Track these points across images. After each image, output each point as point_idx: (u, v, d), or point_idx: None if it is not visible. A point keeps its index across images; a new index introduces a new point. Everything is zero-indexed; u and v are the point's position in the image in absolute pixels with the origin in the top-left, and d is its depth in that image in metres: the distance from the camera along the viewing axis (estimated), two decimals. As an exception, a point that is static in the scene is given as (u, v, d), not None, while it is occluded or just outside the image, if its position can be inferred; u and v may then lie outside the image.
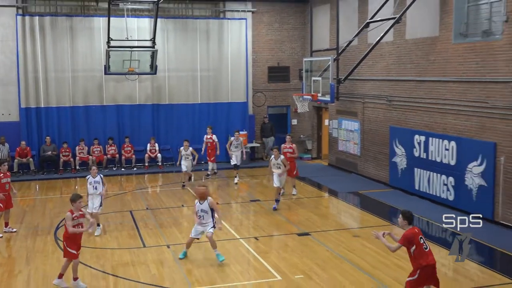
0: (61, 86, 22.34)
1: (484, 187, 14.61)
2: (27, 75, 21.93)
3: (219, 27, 23.93)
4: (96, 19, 22.37)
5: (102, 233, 13.96)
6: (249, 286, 10.64)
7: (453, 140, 15.74)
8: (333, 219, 15.85)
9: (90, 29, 22.43)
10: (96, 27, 22.34)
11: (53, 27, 22.09)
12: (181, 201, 17.28)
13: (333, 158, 23.17)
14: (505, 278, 10.63)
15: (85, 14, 22.56)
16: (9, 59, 21.75)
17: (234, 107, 24.26)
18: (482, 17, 15.06)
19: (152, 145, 22.94)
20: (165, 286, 10.49)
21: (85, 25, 22.43)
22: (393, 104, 18.64)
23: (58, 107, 22.38)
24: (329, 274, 10.96)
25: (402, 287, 10.24)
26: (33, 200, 18.05)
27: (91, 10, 22.56)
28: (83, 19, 22.47)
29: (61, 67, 22.26)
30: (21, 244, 13.22)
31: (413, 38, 17.46)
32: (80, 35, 22.37)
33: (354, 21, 20.41)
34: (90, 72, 22.49)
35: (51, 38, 22.06)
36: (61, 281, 10.45)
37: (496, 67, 14.13)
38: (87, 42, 22.41)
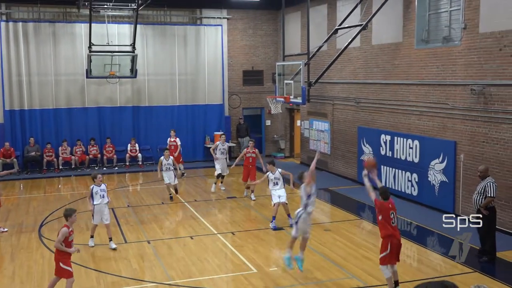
0: (44, 89, 22.04)
1: (445, 183, 14.81)
2: (11, 79, 21.58)
3: (196, 33, 23.86)
4: (78, 25, 22.12)
5: (85, 229, 13.81)
6: (226, 279, 10.64)
7: (416, 139, 15.92)
8: (305, 214, 15.91)
9: (72, 35, 22.17)
10: (78, 33, 22.10)
11: (36, 32, 21.78)
12: (161, 199, 17.15)
13: (305, 157, 23.26)
14: (465, 268, 10.79)
15: (67, 20, 22.28)
16: (-7, 63, 21.38)
17: (211, 109, 24.22)
18: (442, 24, 15.28)
19: (133, 145, 22.77)
20: (146, 280, 10.44)
21: (67, 31, 22.17)
22: (360, 105, 18.79)
23: (41, 109, 22.07)
24: (302, 266, 11.00)
25: (371, 277, 10.37)
26: (17, 198, 17.77)
27: (73, 16, 22.29)
28: (65, 25, 22.19)
29: (44, 71, 21.96)
30: (6, 242, 13.02)
31: (379, 44, 17.63)
32: (63, 40, 22.10)
33: (323, 27, 20.53)
34: (73, 75, 22.24)
35: (34, 43, 21.76)
36: None
37: (455, 71, 14.33)
38: (69, 47, 22.14)
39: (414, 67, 15.95)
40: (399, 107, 16.69)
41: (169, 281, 10.35)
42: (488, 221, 11.01)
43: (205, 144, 24.03)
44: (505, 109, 12.83)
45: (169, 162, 16.90)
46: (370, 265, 11.01)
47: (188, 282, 10.28)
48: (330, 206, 16.76)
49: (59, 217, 15.11)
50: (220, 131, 23.77)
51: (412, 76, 16.05)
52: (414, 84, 16.00)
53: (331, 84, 20.35)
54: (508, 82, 12.69)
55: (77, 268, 11.06)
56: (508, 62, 12.69)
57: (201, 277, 10.58)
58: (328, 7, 20.64)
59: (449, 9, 14.90)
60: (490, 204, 11.03)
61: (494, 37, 13.03)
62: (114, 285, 10.18)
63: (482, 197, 11.04)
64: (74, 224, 9.75)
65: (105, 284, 10.26)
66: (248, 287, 10.03)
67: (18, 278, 10.62)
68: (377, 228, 13.92)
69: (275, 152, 25.30)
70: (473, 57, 13.68)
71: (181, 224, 14.49)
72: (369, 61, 18.26)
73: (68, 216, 9.36)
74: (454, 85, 14.40)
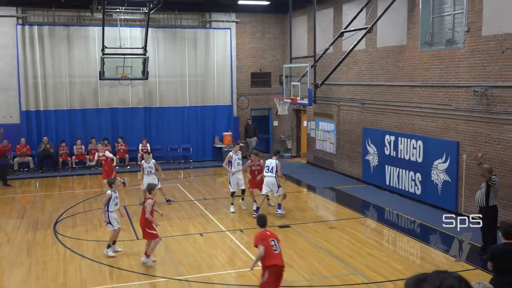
0: (59, 91, 22.18)
1: (448, 182, 14.79)
2: (27, 81, 21.74)
3: (206, 36, 23.92)
4: (91, 29, 22.24)
5: (98, 225, 13.91)
6: (234, 275, 10.69)
7: (420, 140, 15.91)
8: (311, 212, 15.94)
9: (86, 38, 22.29)
10: (92, 36, 22.21)
11: (51, 36, 21.92)
12: (171, 196, 17.21)
13: (311, 157, 23.28)
14: (467, 265, 10.77)
15: (81, 24, 22.43)
16: (10, 66, 21.55)
17: (220, 110, 24.27)
18: (445, 28, 15.25)
19: (144, 145, 22.82)
20: (157, 275, 10.51)
21: (81, 34, 22.29)
22: (365, 106, 18.79)
23: (56, 110, 22.22)
24: (308, 263, 11.04)
25: (374, 273, 10.39)
26: (33, 196, 17.91)
27: (86, 20, 22.44)
28: (79, 28, 22.33)
29: (59, 73, 22.10)
30: (22, 238, 13.13)
31: (384, 47, 17.62)
32: (77, 43, 22.22)
33: (329, 31, 20.54)
34: (86, 77, 22.36)
35: (49, 46, 21.90)
36: (148, 259, 10.94)
37: (458, 73, 14.31)
38: (83, 50, 22.27)
39: (418, 69, 15.93)
40: (403, 108, 16.67)
41: (179, 276, 10.40)
42: (489, 220, 11.00)
43: (214, 144, 24.10)
44: (507, 110, 12.80)
45: (150, 165, 15.80)
46: (374, 262, 11.03)
47: (198, 277, 10.32)
48: (336, 204, 16.77)
49: (73, 214, 15.27)
50: (229, 131, 23.88)
51: (416, 78, 16.03)
52: (418, 85, 15.98)
53: (337, 85, 20.35)
54: (510, 84, 12.66)
55: (90, 263, 11.18)
56: (510, 65, 12.65)
57: (210, 272, 10.62)
58: (334, 11, 20.64)
59: (452, 13, 14.87)
60: (492, 203, 10.98)
61: (496, 40, 13.00)
62: (126, 280, 10.24)
63: (484, 196, 11.01)
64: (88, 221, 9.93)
65: (117, 279, 10.33)
66: (255, 282, 10.05)
67: (34, 273, 10.71)
68: (382, 226, 14.01)
69: (282, 152, 25.30)
70: (476, 60, 13.65)
71: (191, 222, 14.53)
72: (374, 63, 18.26)
73: (151, 189, 11.40)
74: (457, 86, 14.37)
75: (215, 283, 10.00)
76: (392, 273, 10.39)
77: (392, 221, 14.68)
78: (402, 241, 12.86)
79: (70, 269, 10.82)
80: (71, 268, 10.91)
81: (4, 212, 15.90)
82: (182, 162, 23.22)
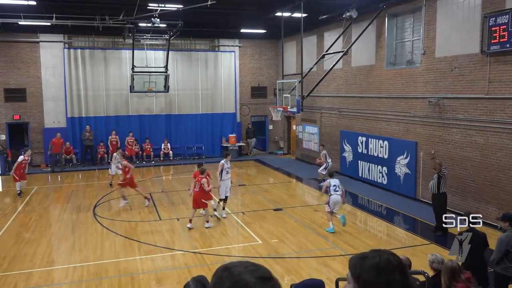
0: (97, 101, 22.11)
1: (409, 174, 14.76)
2: (72, 93, 21.67)
3: (215, 57, 23.85)
4: (123, 52, 22.16)
5: (129, 208, 13.85)
6: (238, 248, 10.64)
7: (386, 140, 15.88)
8: (299, 198, 15.90)
9: (119, 59, 22.22)
10: (124, 57, 22.14)
11: (91, 57, 21.84)
12: (187, 185, 17.11)
13: (299, 154, 23.23)
14: (423, 240, 10.76)
15: (115, 48, 22.35)
16: (58, 81, 21.47)
17: (226, 116, 24.21)
18: (406, 51, 15.22)
19: (166, 145, 22.82)
20: (176, 249, 10.47)
21: (115, 56, 22.22)
22: (342, 114, 18.74)
23: (95, 117, 22.14)
24: (297, 239, 11.00)
25: (349, 247, 10.35)
26: (76, 185, 17.86)
27: (119, 44, 22.36)
28: (114, 51, 22.25)
29: (97, 86, 22.02)
30: (68, 219, 13.09)
31: (357, 66, 17.58)
32: (111, 63, 22.15)
33: (313, 53, 20.48)
34: (119, 90, 22.28)
35: (90, 65, 21.82)
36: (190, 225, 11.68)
37: (416, 87, 14.27)
38: (116, 68, 22.20)
39: (384, 84, 15.89)
40: (372, 115, 16.64)
41: (193, 249, 10.37)
42: (440, 203, 10.97)
43: (221, 144, 24.04)
44: (455, 117, 12.77)
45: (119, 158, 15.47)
46: (349, 238, 10.99)
47: (208, 250, 10.29)
48: (318, 192, 16.70)
49: (109, 200, 15.21)
50: (233, 133, 23.82)
51: (383, 91, 15.99)
52: (384, 97, 15.95)
53: (320, 97, 20.31)
54: (458, 96, 12.63)
55: (122, 239, 11.13)
56: (458, 80, 12.63)
57: (219, 246, 10.59)
58: (317, 37, 20.59)
59: (411, 39, 14.84)
60: (442, 190, 10.93)
61: (447, 60, 12.97)
62: (150, 253, 10.20)
63: (436, 185, 10.97)
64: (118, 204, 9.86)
65: (144, 251, 10.29)
66: (255, 254, 10.03)
67: (77, 247, 10.68)
68: (355, 210, 13.94)
69: (276, 150, 25.29)
70: (431, 76, 13.62)
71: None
72: (349, 79, 18.21)
73: (203, 171, 12.10)
74: (415, 98, 14.34)
75: (223, 255, 9.95)
76: (364, 247, 10.33)
77: (364, 205, 14.65)
78: (372, 221, 12.82)
79: (106, 244, 10.77)
80: (107, 243, 10.87)
81: (53, 198, 15.86)
82: (196, 158, 23.16)
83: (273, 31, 21.48)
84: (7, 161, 20.30)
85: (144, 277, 8.85)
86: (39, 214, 13.64)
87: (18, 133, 22.08)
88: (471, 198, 12.35)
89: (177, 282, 8.48)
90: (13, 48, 20.82)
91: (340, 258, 9.69)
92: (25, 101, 21.20)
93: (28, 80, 21.14)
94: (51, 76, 21.37)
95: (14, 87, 20.97)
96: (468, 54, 12.18)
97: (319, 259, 9.67)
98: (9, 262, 9.68)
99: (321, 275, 8.62)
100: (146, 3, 14.90)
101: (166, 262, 9.64)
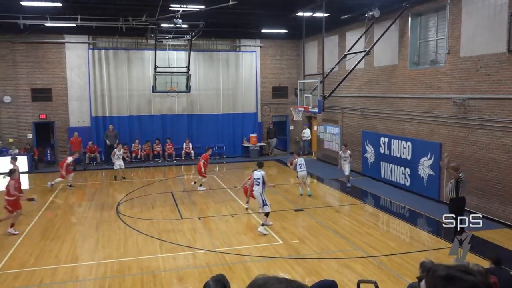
0: (121, 101, 22.45)
1: (432, 175, 14.54)
2: (96, 93, 22.05)
3: (236, 57, 23.93)
4: (146, 52, 22.44)
5: (151, 207, 14.02)
6: (258, 248, 10.64)
7: (409, 141, 15.67)
8: (320, 199, 15.81)
9: (142, 59, 22.51)
10: (146, 58, 22.41)
11: (115, 58, 22.19)
12: (209, 185, 17.25)
13: (320, 154, 23.11)
14: (447, 243, 10.56)
15: (138, 48, 22.64)
16: (83, 81, 21.89)
17: (247, 116, 24.26)
18: (430, 50, 14.99)
19: (187, 144, 22.99)
20: (197, 247, 10.54)
21: (138, 56, 22.51)
22: (364, 114, 18.57)
23: (118, 116, 22.47)
24: (318, 240, 10.96)
25: (371, 249, 10.26)
26: (100, 184, 18.15)
27: (142, 45, 22.65)
28: (137, 52, 22.55)
29: (121, 87, 22.36)
30: (92, 216, 13.34)
31: (379, 66, 17.39)
32: (134, 63, 22.45)
33: (335, 53, 20.36)
34: (142, 90, 22.57)
35: (113, 66, 22.17)
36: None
37: (440, 87, 14.04)
38: (139, 68, 22.49)
39: (407, 84, 15.68)
40: (395, 115, 16.43)
41: (214, 248, 10.43)
42: (459, 207, 10.72)
43: (242, 144, 24.11)
44: (481, 118, 12.51)
45: (121, 153, 18.38)
46: (371, 240, 10.89)
47: (229, 250, 10.33)
48: (340, 193, 16.59)
49: (131, 198, 15.43)
50: (254, 133, 23.86)
51: (406, 91, 15.78)
52: (407, 97, 15.73)
53: (341, 97, 20.16)
54: (484, 96, 12.37)
55: (144, 237, 11.27)
56: (483, 80, 12.37)
57: (239, 246, 10.62)
58: (339, 37, 20.45)
59: (435, 38, 14.61)
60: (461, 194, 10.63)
61: (472, 60, 12.72)
62: (172, 251, 10.29)
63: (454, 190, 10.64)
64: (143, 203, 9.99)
65: (166, 250, 10.39)
66: (276, 255, 10.04)
67: (100, 244, 10.87)
68: (377, 211, 13.81)
69: (297, 150, 25.18)
70: (455, 76, 13.38)
71: (224, 205, 14.55)
72: (371, 79, 18.03)
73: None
74: (439, 98, 14.11)
75: (243, 255, 9.98)
76: (386, 249, 10.25)
77: (386, 207, 14.49)
78: (394, 223, 12.68)
79: (129, 241, 10.94)
80: (129, 240, 11.03)
81: (78, 196, 16.18)
82: (217, 158, 23.29)
83: (294, 31, 21.45)
84: (34, 160, 20.79)
85: (166, 275, 8.95)
86: (64, 211, 13.94)
87: (44, 132, 22.60)
88: (496, 200, 12.08)
89: (198, 281, 8.54)
90: (40, 49, 21.32)
91: (361, 260, 9.61)
92: (51, 101, 21.68)
93: (54, 80, 21.62)
94: (76, 76, 21.80)
95: (41, 87, 21.47)
96: (495, 54, 11.92)
97: (340, 260, 9.61)
98: (35, 258, 9.93)
99: (342, 276, 8.58)
100: (168, 4, 15.07)
101: (188, 260, 9.72)
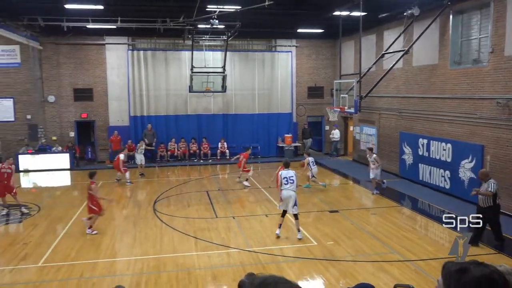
0: (158, 101, 22.90)
1: (474, 179, 14.04)
2: (135, 93, 22.59)
3: (272, 57, 23.94)
4: (183, 53, 22.79)
5: (186, 205, 14.22)
6: (292, 249, 10.60)
7: (449, 143, 15.22)
8: (356, 201, 15.61)
9: (179, 60, 22.88)
10: (183, 58, 22.76)
11: (153, 58, 22.66)
12: (243, 185, 17.32)
13: (356, 155, 22.79)
14: (489, 249, 10.20)
15: (176, 49, 23.02)
16: (122, 81, 22.48)
17: (282, 116, 24.23)
18: (472, 49, 14.50)
19: (222, 144, 23.19)
20: (231, 246, 10.61)
21: (175, 57, 22.90)
22: (402, 115, 18.17)
23: (156, 116, 22.93)
24: (353, 242, 10.81)
25: (409, 252, 10.03)
26: (137, 182, 18.53)
27: (179, 46, 23.00)
28: (174, 52, 22.93)
29: (158, 86, 22.81)
30: (130, 213, 13.67)
31: (418, 65, 16.97)
32: (172, 64, 22.85)
33: (372, 52, 20.02)
34: (179, 90, 22.93)
35: (152, 66, 22.65)
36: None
37: (483, 87, 13.57)
38: (177, 69, 22.87)
39: (448, 84, 15.23)
40: (434, 116, 15.99)
41: (248, 248, 10.47)
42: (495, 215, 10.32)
43: (277, 144, 24.10)
44: (526, 119, 12.00)
45: (143, 148, 19.46)
46: (409, 243, 10.64)
47: (263, 249, 10.34)
48: (376, 194, 16.31)
49: (168, 196, 15.71)
50: (289, 133, 23.81)
51: (446, 91, 15.33)
52: (447, 98, 15.28)
53: (378, 97, 19.81)
54: (530, 97, 11.86)
55: (180, 235, 11.44)
56: (530, 80, 11.86)
57: (273, 246, 10.60)
58: (376, 36, 20.10)
59: (478, 37, 14.11)
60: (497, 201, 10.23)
61: (518, 59, 12.22)
62: (207, 249, 10.41)
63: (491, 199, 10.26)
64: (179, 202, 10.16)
65: (200, 248, 10.51)
66: (310, 256, 9.97)
67: (138, 240, 11.12)
68: (415, 214, 13.49)
69: (333, 151, 24.93)
70: (499, 76, 12.88)
71: (258, 205, 14.58)
72: (409, 79, 17.62)
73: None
74: (481, 98, 13.62)
75: (277, 255, 9.97)
76: (424, 253, 9.99)
77: (424, 210, 14.12)
78: (433, 227, 12.34)
79: (165, 239, 11.13)
80: (165, 238, 11.23)
81: (117, 194, 16.60)
82: (252, 157, 23.35)
83: (330, 30, 21.23)
84: (75, 157, 21.51)
85: (200, 273, 9.06)
86: (103, 207, 14.33)
87: (85, 130, 23.35)
88: (543, 206, 11.55)
89: (232, 279, 8.61)
90: (81, 51, 22.04)
91: (398, 263, 9.41)
92: (92, 101, 22.37)
93: (95, 81, 22.30)
94: (115, 77, 22.41)
95: (82, 87, 22.19)
96: (542, 52, 11.41)
97: (375, 263, 9.44)
98: (76, 252, 10.27)
99: (378, 280, 8.42)
100: (205, 5, 15.25)
101: (222, 259, 9.80)
